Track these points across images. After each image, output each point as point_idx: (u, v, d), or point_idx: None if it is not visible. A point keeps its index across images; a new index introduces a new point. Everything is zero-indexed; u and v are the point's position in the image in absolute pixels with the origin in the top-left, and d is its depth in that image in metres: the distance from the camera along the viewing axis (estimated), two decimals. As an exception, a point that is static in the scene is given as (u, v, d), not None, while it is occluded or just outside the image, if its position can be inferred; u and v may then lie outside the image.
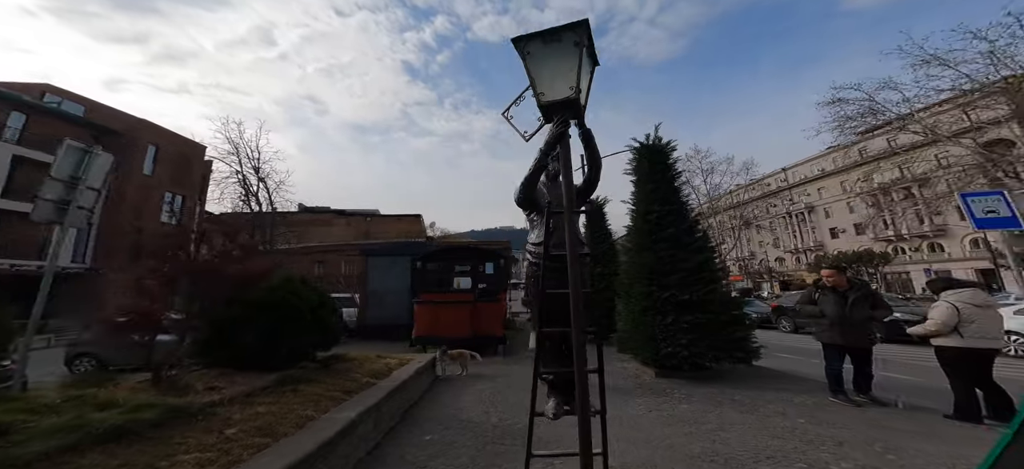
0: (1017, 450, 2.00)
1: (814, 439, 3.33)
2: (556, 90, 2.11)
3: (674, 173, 6.25)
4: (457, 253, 10.64)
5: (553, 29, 2.10)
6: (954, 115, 18.44)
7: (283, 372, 4.17)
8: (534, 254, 2.57)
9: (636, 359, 6.51)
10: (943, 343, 3.88)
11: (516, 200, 2.62)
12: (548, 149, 2.23)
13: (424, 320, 9.19)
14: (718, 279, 5.78)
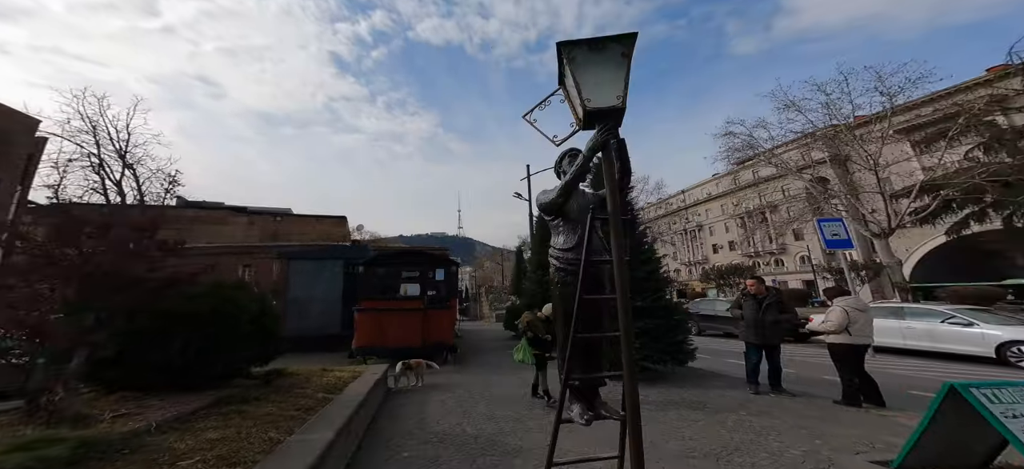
0: (932, 433, 2.59)
1: (760, 430, 3.87)
2: (602, 98, 2.18)
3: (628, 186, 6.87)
4: (405, 258, 10.05)
5: (600, 39, 2.17)
6: (798, 153, 23.94)
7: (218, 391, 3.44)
8: (562, 260, 2.57)
9: None
10: (835, 340, 4.82)
11: (544, 205, 2.62)
12: (591, 156, 2.27)
13: (367, 329, 8.43)
14: (663, 288, 6.43)
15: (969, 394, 2.39)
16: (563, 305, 2.60)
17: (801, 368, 7.71)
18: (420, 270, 9.28)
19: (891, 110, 18.18)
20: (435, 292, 9.13)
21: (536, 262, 11.01)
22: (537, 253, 11.12)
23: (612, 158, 2.23)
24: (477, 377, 7.24)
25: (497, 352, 10.60)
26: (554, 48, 2.34)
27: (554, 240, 2.69)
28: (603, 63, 2.16)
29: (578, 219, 2.65)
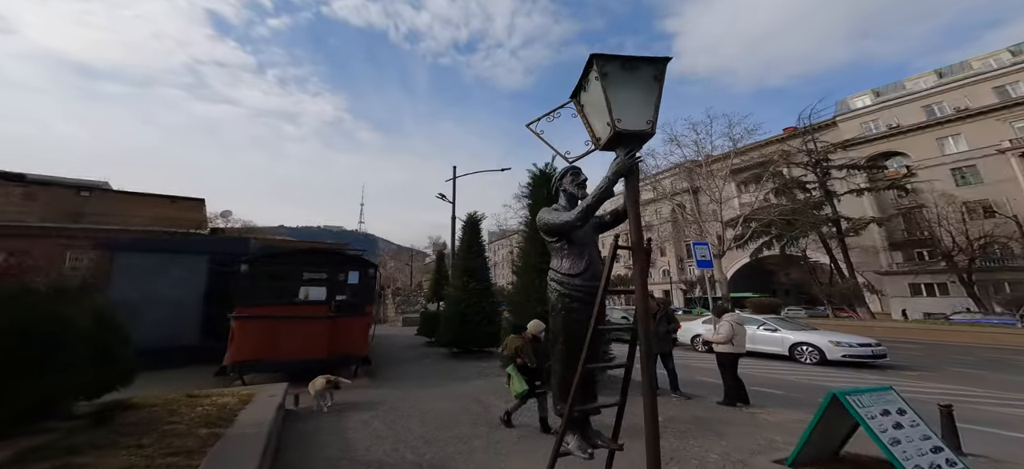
0: (816, 432, 3.30)
1: (683, 432, 4.42)
2: (632, 119, 2.16)
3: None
4: (309, 257, 8.43)
5: (633, 58, 2.16)
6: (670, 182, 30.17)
7: (20, 442, 2.20)
8: (568, 286, 2.44)
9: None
10: (723, 350, 5.90)
11: (553, 226, 2.46)
12: (616, 179, 2.18)
13: (251, 340, 6.78)
14: (594, 303, 6.94)
15: (846, 401, 3.12)
16: (566, 333, 2.45)
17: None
18: (328, 271, 7.92)
19: (733, 152, 24.03)
20: (346, 297, 7.92)
21: (462, 268, 10.62)
22: (464, 259, 10.74)
23: (637, 184, 2.25)
24: (400, 392, 6.54)
25: (415, 361, 9.83)
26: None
27: (556, 263, 2.55)
28: (634, 83, 2.16)
29: (585, 242, 2.54)
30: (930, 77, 31.85)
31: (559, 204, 2.76)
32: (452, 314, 10.13)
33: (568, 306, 2.47)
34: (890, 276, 29.95)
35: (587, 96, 2.44)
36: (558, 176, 2.83)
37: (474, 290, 10.09)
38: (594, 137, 2.46)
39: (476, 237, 11.07)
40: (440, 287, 14.71)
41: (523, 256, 7.18)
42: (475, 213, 11.37)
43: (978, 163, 27.63)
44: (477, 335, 9.93)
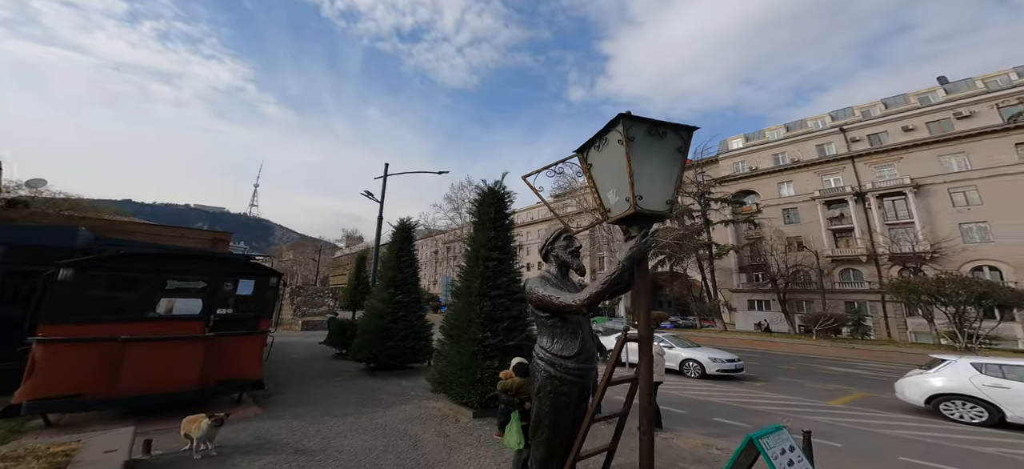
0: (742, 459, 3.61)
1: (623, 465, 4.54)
2: (653, 198, 1.97)
3: (511, 221, 6.91)
4: (176, 263, 6.27)
5: (661, 123, 1.97)
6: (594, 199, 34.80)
7: None
8: (560, 368, 2.22)
9: (451, 398, 6.43)
10: None
11: (552, 306, 2.19)
12: (632, 266, 1.96)
13: (67, 368, 4.84)
14: (531, 324, 6.78)
15: (759, 444, 3.50)
16: (553, 417, 2.24)
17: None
18: (209, 279, 6.11)
19: None
20: (231, 310, 6.24)
21: (388, 279, 9.50)
22: (392, 269, 9.62)
23: (648, 269, 2.04)
24: (305, 423, 5.47)
25: (324, 380, 8.44)
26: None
27: (547, 342, 2.30)
28: (659, 153, 1.96)
29: (579, 320, 2.34)
30: (780, 130, 40.53)
31: (549, 271, 2.45)
32: (374, 327, 9.01)
33: (557, 389, 2.21)
34: (737, 293, 37.48)
35: (600, 157, 2.15)
36: (550, 238, 2.52)
37: (401, 303, 9.14)
38: (602, 207, 2.18)
39: (407, 245, 10.07)
40: (359, 294, 13.01)
41: (465, 279, 6.66)
42: (408, 220, 10.39)
43: (799, 207, 36.30)
44: (402, 351, 9.10)
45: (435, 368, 6.93)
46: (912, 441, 6.31)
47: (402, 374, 9.15)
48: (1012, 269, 25.61)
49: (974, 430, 7.06)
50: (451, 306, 7.06)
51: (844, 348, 20.58)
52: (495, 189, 6.80)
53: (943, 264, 27.19)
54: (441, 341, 7.04)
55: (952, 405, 7.69)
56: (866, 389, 10.89)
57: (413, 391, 7.64)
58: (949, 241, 27.88)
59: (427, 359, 10.01)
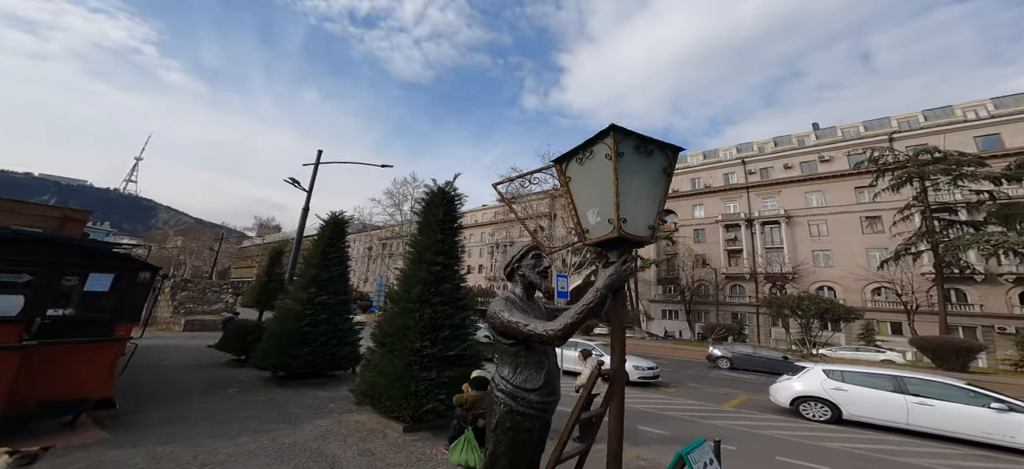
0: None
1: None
2: (636, 221, 1.82)
3: (460, 225, 6.48)
4: None
5: (651, 140, 1.83)
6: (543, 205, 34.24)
7: None
8: (522, 401, 1.98)
9: (378, 411, 5.83)
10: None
11: (518, 333, 1.93)
12: (609, 293, 1.80)
13: None
14: (472, 333, 6.41)
15: (687, 460, 3.67)
16: (511, 456, 1.99)
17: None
18: (36, 270, 4.50)
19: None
20: (79, 311, 4.73)
21: (311, 277, 8.31)
22: (317, 266, 8.44)
23: (625, 300, 1.87)
24: (178, 450, 4.46)
25: (211, 392, 7.03)
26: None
27: (507, 371, 2.03)
28: (645, 173, 1.82)
29: (545, 349, 2.09)
30: (699, 156, 45.89)
31: (514, 292, 2.16)
32: (286, 330, 7.78)
33: (518, 425, 1.95)
34: (654, 303, 41.65)
35: (582, 171, 1.93)
36: (517, 255, 2.27)
37: (323, 304, 8.04)
38: (579, 227, 1.96)
39: (338, 241, 8.96)
40: (270, 292, 11.21)
41: (404, 283, 6.06)
42: (341, 213, 9.27)
43: (706, 228, 41.62)
44: (321, 358, 8.04)
45: (362, 378, 6.20)
46: (783, 441, 7.18)
47: (320, 384, 8.09)
48: (843, 289, 32.41)
49: (822, 427, 8.24)
50: (386, 311, 6.38)
51: None
52: (445, 190, 6.34)
53: (800, 283, 33.41)
54: (371, 349, 6.32)
55: (808, 406, 8.93)
56: (748, 392, 12.51)
57: (332, 403, 6.77)
58: (804, 265, 34.38)
59: (352, 367, 9.01)
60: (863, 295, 31.16)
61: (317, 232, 9.29)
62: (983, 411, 7.24)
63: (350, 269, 9.67)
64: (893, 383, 8.29)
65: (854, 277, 31.34)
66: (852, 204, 34.06)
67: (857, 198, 33.91)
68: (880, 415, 8.10)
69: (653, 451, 5.73)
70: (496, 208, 57.86)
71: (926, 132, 31.53)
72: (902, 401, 7.93)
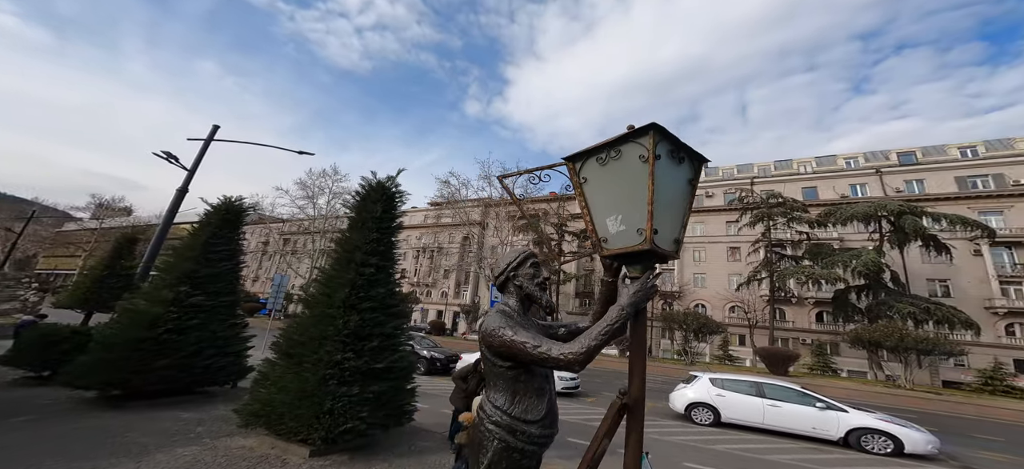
0: None
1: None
2: (665, 233, 1.69)
3: (400, 224, 5.76)
4: None
5: (683, 145, 1.71)
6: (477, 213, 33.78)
7: None
8: (523, 435, 1.68)
9: (274, 434, 4.81)
10: None
11: (525, 355, 1.63)
12: (634, 312, 1.61)
13: None
14: (404, 343, 5.72)
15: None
16: None
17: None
18: None
19: (525, 201, 29.09)
20: None
21: (183, 272, 6.53)
22: (194, 261, 6.66)
23: (645, 323, 1.71)
24: None
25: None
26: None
27: (502, 400, 1.72)
28: (675, 181, 1.73)
29: (546, 373, 1.83)
30: None
31: (508, 305, 1.84)
32: (131, 338, 5.89)
33: (516, 464, 1.63)
34: (571, 316, 44.67)
35: (603, 172, 1.75)
36: (513, 262, 1.97)
37: (198, 306, 6.37)
38: (596, 235, 1.77)
39: (229, 232, 7.29)
40: (110, 289, 8.47)
41: (326, 286, 5.12)
42: (238, 200, 7.60)
43: None
44: (187, 372, 6.42)
45: (253, 395, 5.01)
46: (685, 446, 7.95)
47: (182, 403, 6.37)
48: (711, 307, 39.29)
49: (708, 430, 9.37)
50: (296, 318, 5.30)
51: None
52: (386, 185, 5.61)
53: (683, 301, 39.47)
54: (270, 361, 5.15)
55: (697, 410, 10.11)
56: (651, 400, 14.01)
57: (202, 426, 5.42)
58: (688, 284, 40.78)
59: (233, 381, 7.31)
60: (723, 312, 38.16)
61: (199, 219, 7.42)
62: (811, 410, 8.97)
63: (242, 265, 7.96)
64: (755, 388, 9.88)
65: (719, 297, 38.15)
66: (722, 235, 41.62)
67: (726, 230, 41.58)
68: (746, 417, 9.55)
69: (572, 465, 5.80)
70: (426, 211, 55.16)
71: (774, 180, 40.37)
72: (760, 404, 9.46)
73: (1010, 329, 28.98)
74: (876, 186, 36.36)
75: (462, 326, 45.64)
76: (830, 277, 27.73)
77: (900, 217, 26.55)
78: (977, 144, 35.09)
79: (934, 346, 21.91)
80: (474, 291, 47.08)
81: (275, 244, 50.64)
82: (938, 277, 31.41)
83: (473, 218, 33.75)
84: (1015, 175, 31.71)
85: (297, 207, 35.72)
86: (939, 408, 17.09)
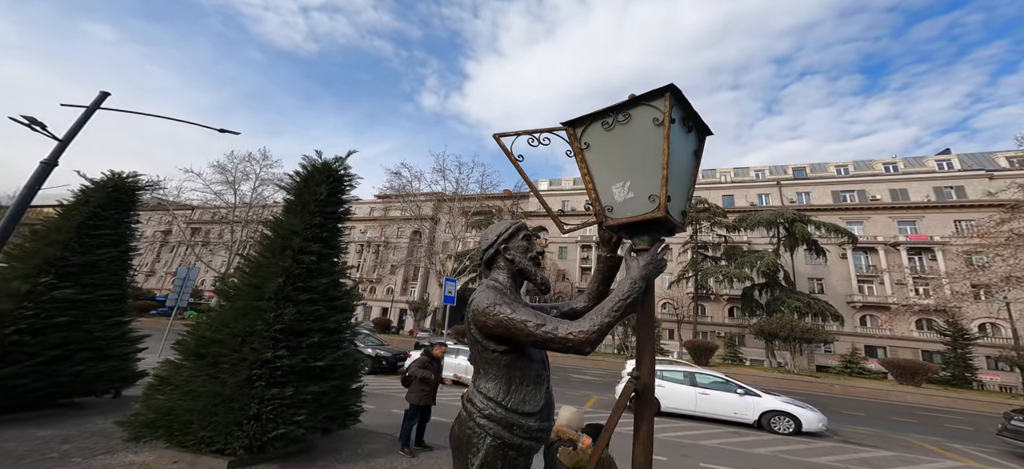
0: None
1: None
2: (676, 203, 1.60)
3: (346, 210, 5.12)
4: None
5: (694, 112, 1.64)
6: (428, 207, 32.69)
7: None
8: (521, 430, 1.49)
9: (178, 447, 4.02)
10: None
11: (527, 333, 1.42)
12: (645, 285, 1.48)
13: None
14: (348, 338, 5.11)
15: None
16: None
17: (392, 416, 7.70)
18: None
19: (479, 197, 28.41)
20: None
21: (40, 261, 5.18)
22: (66, 247, 5.34)
23: (653, 300, 1.60)
24: None
25: None
26: None
27: (494, 388, 1.50)
28: (684, 149, 1.65)
29: (542, 358, 1.65)
30: (570, 181, 51.21)
31: (498, 280, 1.61)
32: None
33: (512, 464, 1.43)
34: None
35: (609, 138, 1.64)
36: (504, 233, 1.74)
37: (67, 301, 5.10)
38: (599, 204, 1.63)
39: (115, 213, 6.05)
40: None
41: (253, 275, 4.37)
42: (133, 177, 6.36)
43: (568, 246, 47.80)
44: (45, 381, 5.14)
45: (147, 404, 4.11)
46: (630, 435, 8.55)
47: (40, 419, 5.07)
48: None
49: None
50: (210, 313, 4.44)
51: (579, 358, 27.87)
52: (332, 166, 4.96)
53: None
54: (173, 362, 4.25)
55: None
56: (598, 392, 14.52)
57: (71, 443, 4.40)
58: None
59: (116, 390, 6.08)
60: (657, 309, 41.72)
61: (74, 196, 5.98)
62: (733, 396, 9.88)
63: (134, 254, 6.59)
64: (689, 378, 10.62)
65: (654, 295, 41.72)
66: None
67: (660, 234, 45.46)
68: (681, 405, 10.19)
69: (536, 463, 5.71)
70: (372, 203, 51.35)
71: (701, 187, 44.86)
72: (693, 393, 10.21)
73: (863, 320, 35.82)
74: (777, 196, 42.47)
75: (409, 323, 43.69)
76: (741, 275, 31.72)
77: (793, 224, 31.33)
78: (848, 164, 42.76)
79: (814, 335, 26.30)
80: (423, 287, 45.24)
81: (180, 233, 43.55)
82: (816, 276, 37.68)
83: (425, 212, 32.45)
84: (873, 191, 39.35)
85: (213, 193, 31.03)
86: (816, 389, 20.40)
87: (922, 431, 11.43)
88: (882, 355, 30.73)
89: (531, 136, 1.76)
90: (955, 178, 36.55)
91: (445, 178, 28.39)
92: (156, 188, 7.12)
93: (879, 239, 36.74)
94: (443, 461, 5.00)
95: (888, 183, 39.49)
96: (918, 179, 38.07)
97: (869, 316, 35.67)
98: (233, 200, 31.65)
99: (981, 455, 9.03)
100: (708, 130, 1.70)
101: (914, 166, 39.93)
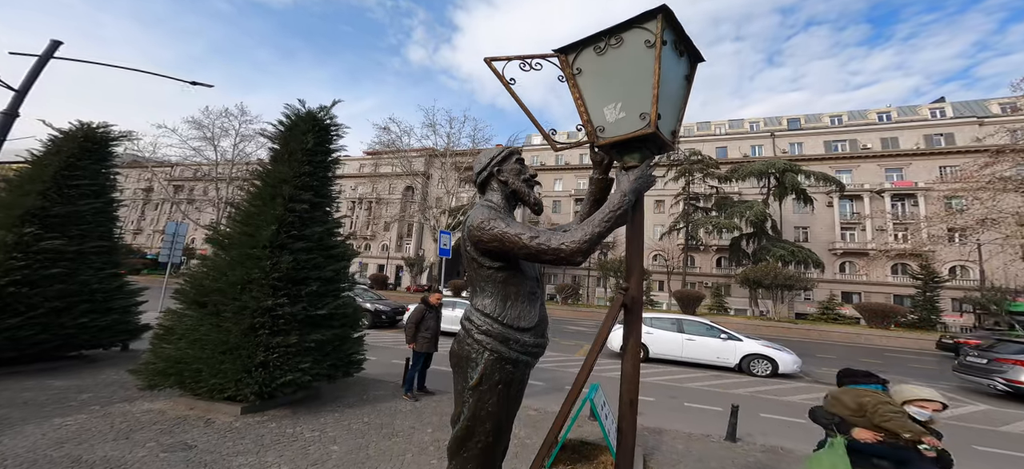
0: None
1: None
2: (669, 118, 1.63)
3: (337, 159, 5.01)
4: None
5: (686, 37, 1.63)
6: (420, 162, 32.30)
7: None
8: (517, 344, 1.56)
9: (191, 394, 4.23)
10: None
11: (523, 246, 1.47)
12: (635, 199, 1.54)
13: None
14: (348, 287, 5.23)
15: (593, 404, 4.00)
16: (499, 415, 1.56)
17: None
18: None
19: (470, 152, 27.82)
20: None
21: (21, 212, 5.10)
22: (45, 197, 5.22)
23: (643, 215, 1.65)
24: None
25: None
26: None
27: (491, 304, 1.58)
28: (674, 73, 1.66)
29: (537, 275, 1.73)
30: (563, 135, 50.78)
31: (491, 200, 1.66)
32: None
33: (510, 378, 1.55)
34: None
35: (601, 62, 1.63)
36: (497, 157, 1.77)
37: (57, 252, 5.09)
38: (591, 126, 1.65)
39: (90, 163, 5.86)
40: None
41: (244, 225, 4.34)
42: (104, 128, 6.10)
43: (562, 200, 47.60)
44: (50, 332, 5.23)
45: (156, 353, 4.27)
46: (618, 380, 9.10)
47: (51, 371, 5.28)
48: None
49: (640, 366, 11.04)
50: (206, 261, 4.46)
51: (572, 311, 28.93)
52: (317, 115, 4.79)
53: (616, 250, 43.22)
54: (176, 312, 4.37)
55: None
56: (590, 342, 15.27)
57: (87, 393, 4.59)
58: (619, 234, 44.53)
59: (123, 342, 6.29)
60: (648, 260, 42.80)
61: (44, 147, 5.75)
62: (717, 341, 10.35)
63: (117, 206, 6.46)
64: (675, 325, 11.13)
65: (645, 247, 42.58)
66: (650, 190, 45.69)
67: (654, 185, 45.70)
68: (669, 351, 10.70)
69: (537, 401, 5.82)
70: (362, 160, 49.92)
71: (695, 140, 44.43)
72: (680, 339, 10.68)
73: (842, 267, 37.35)
74: (770, 147, 42.33)
75: (406, 279, 44.41)
76: (730, 226, 32.40)
77: (784, 174, 31.56)
78: (842, 114, 42.43)
79: (796, 282, 27.45)
80: (418, 243, 45.49)
81: (162, 190, 42.46)
82: (802, 225, 38.61)
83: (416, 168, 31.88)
84: (865, 140, 39.38)
85: (192, 149, 29.89)
86: (795, 335, 21.68)
87: (887, 370, 12.36)
88: (857, 300, 32.40)
89: (523, 61, 1.72)
90: (946, 126, 36.58)
91: (436, 133, 27.70)
92: (129, 138, 6.75)
93: (866, 186, 37.30)
94: (445, 404, 5.25)
95: (880, 132, 39.43)
96: (909, 127, 38.04)
97: (848, 263, 37.12)
98: (214, 157, 30.65)
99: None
100: (700, 56, 1.68)
101: (907, 115, 39.71)
